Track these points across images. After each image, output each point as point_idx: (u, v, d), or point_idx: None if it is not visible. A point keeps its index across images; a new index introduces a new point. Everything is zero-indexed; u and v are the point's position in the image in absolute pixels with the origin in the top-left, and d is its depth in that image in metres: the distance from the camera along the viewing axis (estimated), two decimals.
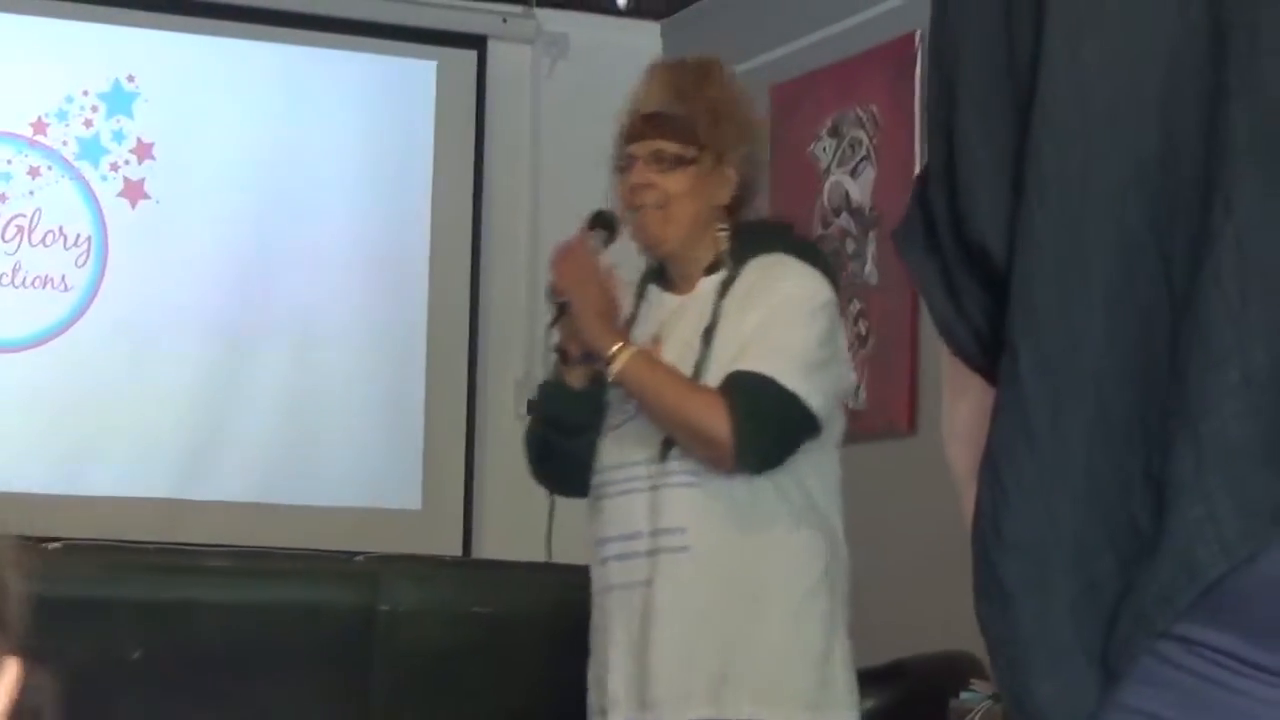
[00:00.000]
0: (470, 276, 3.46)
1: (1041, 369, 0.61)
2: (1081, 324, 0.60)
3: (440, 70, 3.53)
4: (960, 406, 0.72)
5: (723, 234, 1.91)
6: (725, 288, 1.89)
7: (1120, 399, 0.60)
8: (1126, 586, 0.57)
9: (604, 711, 1.98)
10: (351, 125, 3.47)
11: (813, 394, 1.82)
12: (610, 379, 1.88)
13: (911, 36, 2.96)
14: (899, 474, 2.88)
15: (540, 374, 2.83)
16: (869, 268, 3.03)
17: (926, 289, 0.70)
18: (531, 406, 2.13)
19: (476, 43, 3.54)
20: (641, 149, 1.90)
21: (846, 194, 3.08)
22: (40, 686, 0.58)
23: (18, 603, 0.58)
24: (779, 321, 1.90)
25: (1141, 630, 0.56)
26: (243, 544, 3.08)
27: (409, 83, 3.55)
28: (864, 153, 3.04)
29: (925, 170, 0.72)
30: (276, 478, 3.34)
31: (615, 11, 3.57)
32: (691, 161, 1.89)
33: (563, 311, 1.92)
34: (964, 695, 2.74)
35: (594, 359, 1.90)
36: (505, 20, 3.51)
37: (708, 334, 1.89)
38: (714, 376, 1.84)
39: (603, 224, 1.95)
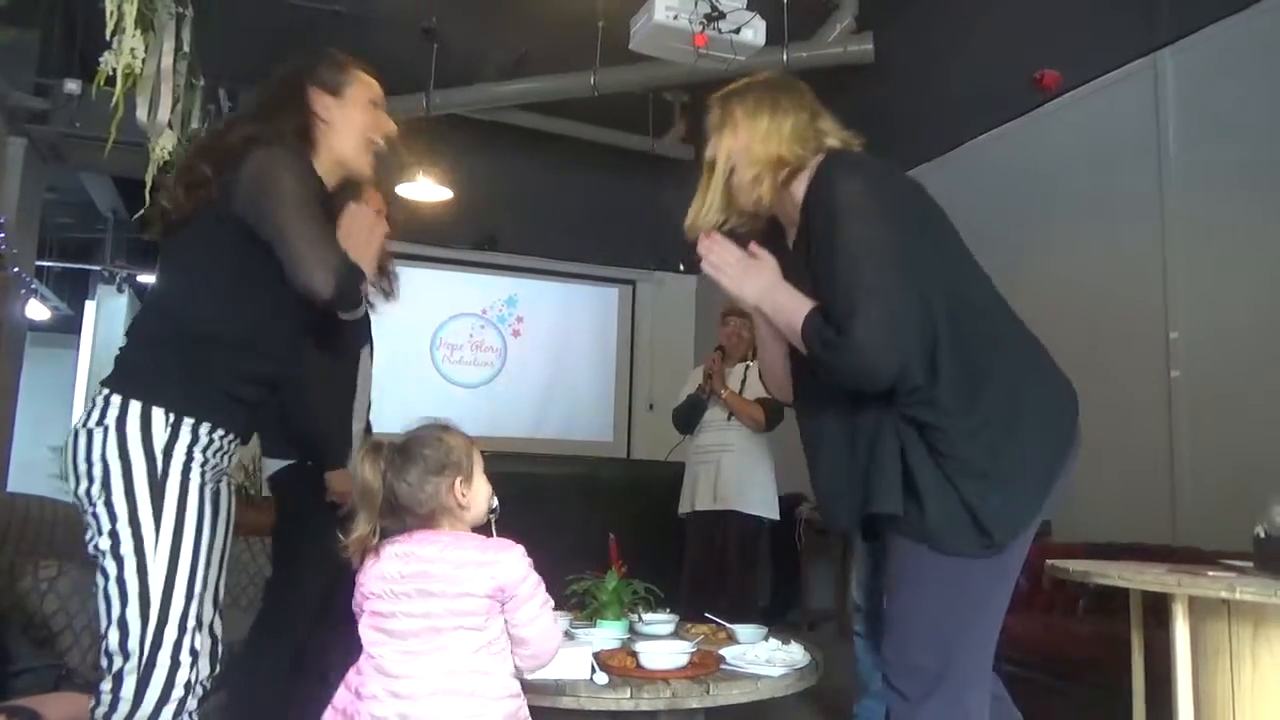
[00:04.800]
0: (630, 373, 7.72)
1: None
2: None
3: (621, 293, 7.84)
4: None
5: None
6: (746, 371, 3.97)
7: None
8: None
9: (694, 503, 3.96)
10: (588, 311, 7.70)
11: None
12: (722, 398, 3.91)
13: None
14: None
15: (655, 405, 7.36)
16: None
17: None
18: (683, 406, 4.09)
19: (631, 283, 7.85)
20: (736, 320, 4.00)
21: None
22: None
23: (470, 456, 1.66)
24: None
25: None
26: (548, 453, 6.85)
27: (609, 298, 7.83)
28: None
29: None
30: (564, 429, 7.39)
31: (679, 272, 7.85)
32: (751, 330, 3.76)
33: (709, 376, 4.01)
34: (803, 507, 5.22)
35: (713, 392, 3.97)
36: (642, 276, 7.82)
37: (741, 387, 3.96)
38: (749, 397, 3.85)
39: (721, 351, 4.04)
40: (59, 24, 5.04)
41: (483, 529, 1.68)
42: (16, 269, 5.02)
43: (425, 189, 6.52)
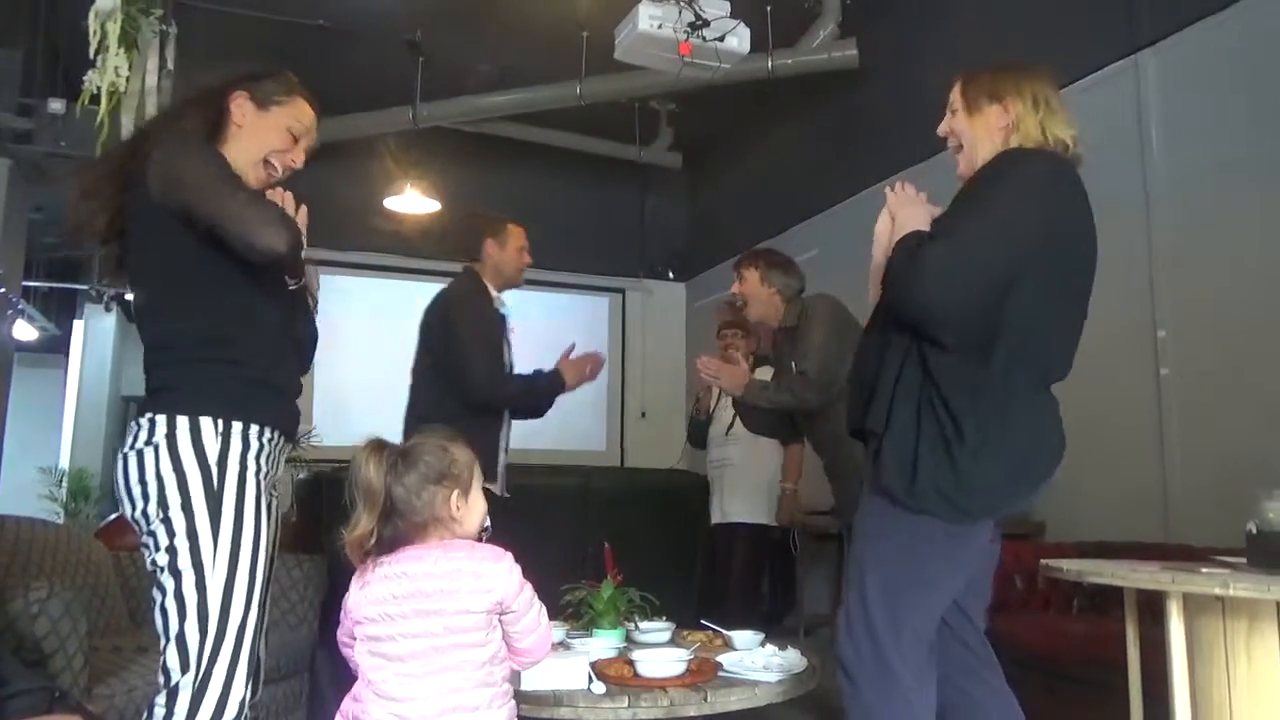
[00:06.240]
0: (621, 381, 7.70)
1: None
2: None
3: (610, 301, 7.88)
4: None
5: None
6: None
7: None
8: None
9: (711, 518, 4.26)
10: (578, 321, 7.64)
11: None
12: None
13: None
14: None
15: (647, 413, 7.61)
16: None
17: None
18: (688, 426, 4.49)
19: (621, 291, 7.89)
20: (730, 332, 4.21)
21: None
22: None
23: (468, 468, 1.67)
24: None
25: None
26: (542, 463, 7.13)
27: (599, 307, 7.85)
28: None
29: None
30: (556, 439, 7.39)
31: (668, 279, 7.98)
32: (745, 340, 4.19)
33: (698, 398, 4.36)
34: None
35: (706, 409, 4.27)
36: (631, 284, 7.88)
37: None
38: None
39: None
40: (42, 43, 5.02)
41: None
42: (3, 290, 4.99)
43: (413, 201, 6.54)
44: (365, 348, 7.13)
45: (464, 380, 3.15)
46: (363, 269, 7.14)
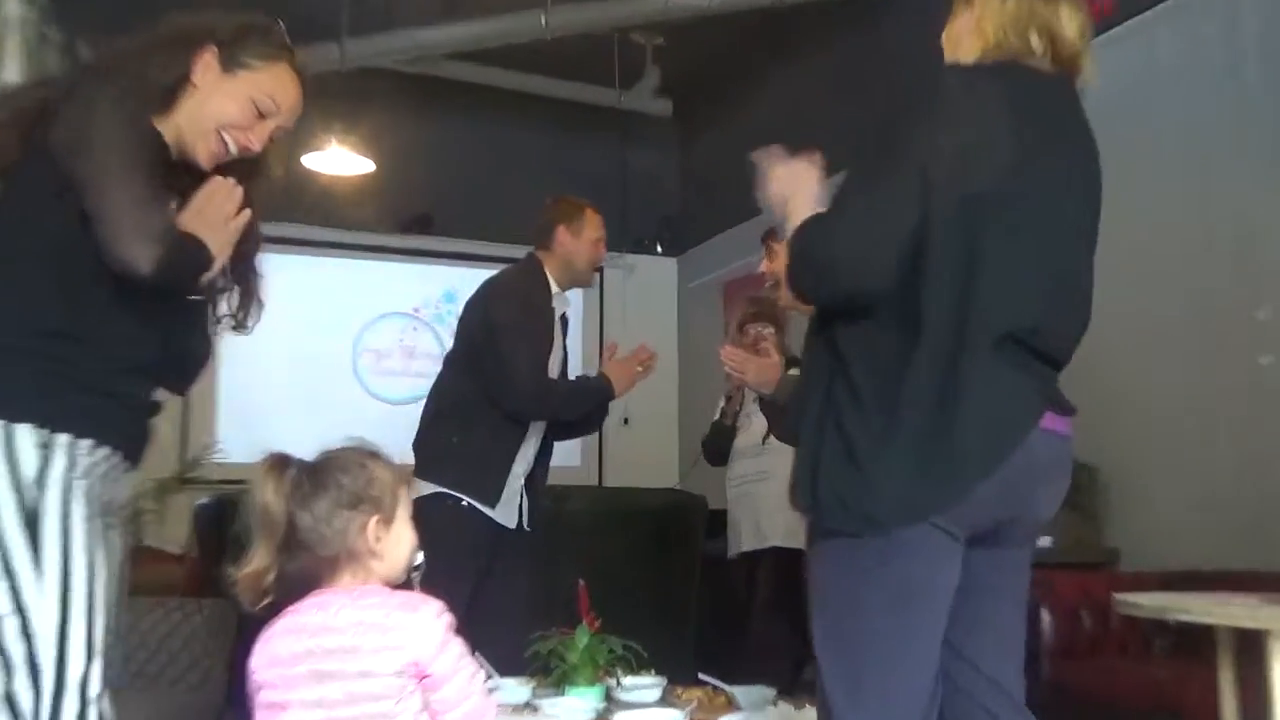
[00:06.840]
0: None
1: None
2: None
3: None
4: None
5: None
6: None
7: None
8: None
9: (739, 545, 4.13)
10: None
11: None
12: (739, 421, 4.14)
13: None
14: None
15: (630, 420, 7.35)
16: None
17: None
18: (709, 435, 4.29)
19: (598, 269, 7.91)
20: (758, 328, 4.06)
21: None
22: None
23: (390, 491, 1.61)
24: None
25: None
26: None
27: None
28: None
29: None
30: None
31: (655, 254, 7.97)
32: (776, 334, 4.02)
33: (729, 399, 4.19)
34: None
35: (735, 413, 4.15)
36: (611, 259, 7.66)
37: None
38: None
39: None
40: None
41: (403, 589, 1.62)
42: None
43: (340, 160, 6.48)
44: (279, 342, 7.09)
45: (504, 387, 3.22)
46: (275, 243, 7.07)
